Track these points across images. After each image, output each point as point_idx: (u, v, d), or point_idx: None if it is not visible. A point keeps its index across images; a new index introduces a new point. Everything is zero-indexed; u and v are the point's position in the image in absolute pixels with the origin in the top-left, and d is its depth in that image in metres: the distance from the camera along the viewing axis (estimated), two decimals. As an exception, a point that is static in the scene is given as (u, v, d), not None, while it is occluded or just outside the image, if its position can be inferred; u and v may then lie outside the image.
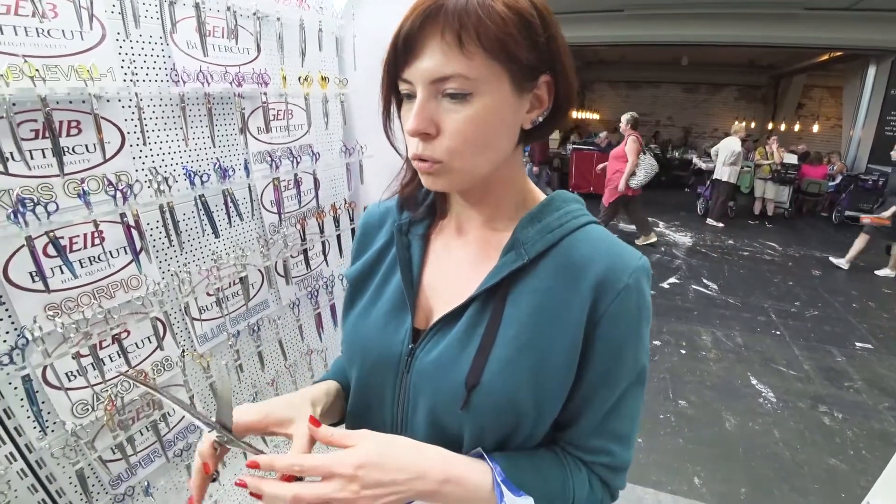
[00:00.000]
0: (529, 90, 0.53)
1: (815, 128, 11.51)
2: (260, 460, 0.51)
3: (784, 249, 6.38)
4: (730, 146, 6.88)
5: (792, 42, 7.71)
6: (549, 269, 0.56)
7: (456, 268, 0.63)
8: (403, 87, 0.53)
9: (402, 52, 0.50)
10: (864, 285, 5.14)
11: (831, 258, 5.85)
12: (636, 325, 0.55)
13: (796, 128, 11.57)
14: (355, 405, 0.67)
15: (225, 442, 0.55)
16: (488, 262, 0.59)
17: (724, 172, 7.05)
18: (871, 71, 8.09)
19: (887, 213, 5.19)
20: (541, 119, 0.57)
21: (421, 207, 0.68)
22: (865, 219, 5.64)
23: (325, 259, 1.63)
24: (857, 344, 3.82)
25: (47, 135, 0.84)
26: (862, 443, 2.66)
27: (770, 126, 11.80)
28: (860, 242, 5.57)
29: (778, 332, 3.99)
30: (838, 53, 8.53)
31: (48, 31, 0.84)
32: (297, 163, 1.39)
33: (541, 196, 0.63)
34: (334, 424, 0.73)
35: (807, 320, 4.24)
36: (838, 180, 8.05)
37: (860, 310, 4.51)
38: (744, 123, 8.25)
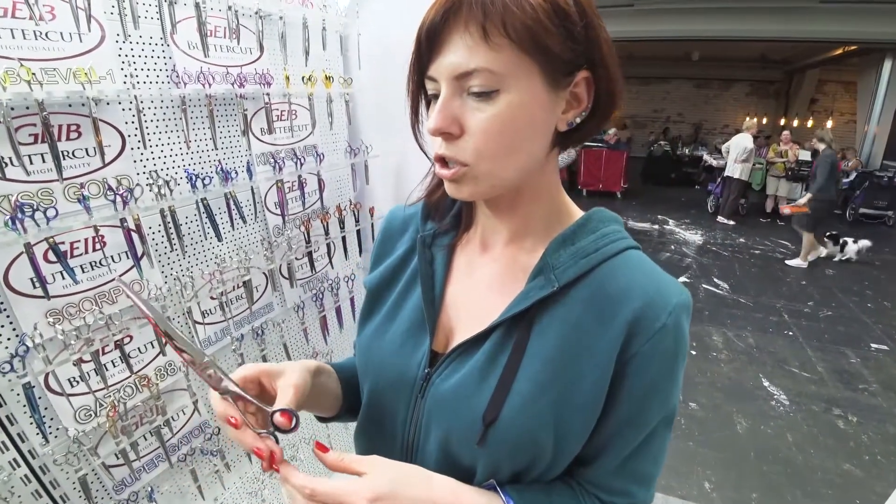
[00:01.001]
0: (565, 87, 0.47)
1: (829, 123, 11.30)
2: (279, 466, 0.48)
3: (797, 248, 6.27)
4: (741, 143, 6.79)
5: (806, 36, 7.58)
6: (580, 298, 0.51)
7: (479, 288, 0.59)
8: (430, 87, 0.49)
9: (426, 48, 0.47)
10: (878, 284, 5.05)
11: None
12: (670, 367, 0.50)
13: (809, 123, 11.39)
14: (366, 422, 0.65)
15: (230, 392, 0.51)
16: (514, 284, 0.55)
17: (735, 169, 6.95)
18: (888, 65, 7.93)
19: (802, 201, 5.38)
20: (579, 120, 0.50)
21: (447, 217, 0.63)
22: (785, 209, 5.82)
23: (331, 261, 1.61)
24: (873, 345, 3.75)
25: (46, 139, 0.83)
26: (877, 447, 2.60)
27: (783, 122, 11.63)
28: (806, 239, 5.59)
29: (790, 333, 3.93)
30: (853, 47, 8.37)
31: (45, 34, 0.83)
32: (301, 164, 1.37)
33: (576, 212, 0.58)
34: (327, 418, 0.71)
35: (820, 320, 4.17)
36: (853, 177, 7.90)
37: (875, 309, 4.42)
38: (755, 119, 8.13)
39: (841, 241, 5.70)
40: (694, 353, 3.58)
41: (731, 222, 7.38)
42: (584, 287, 0.51)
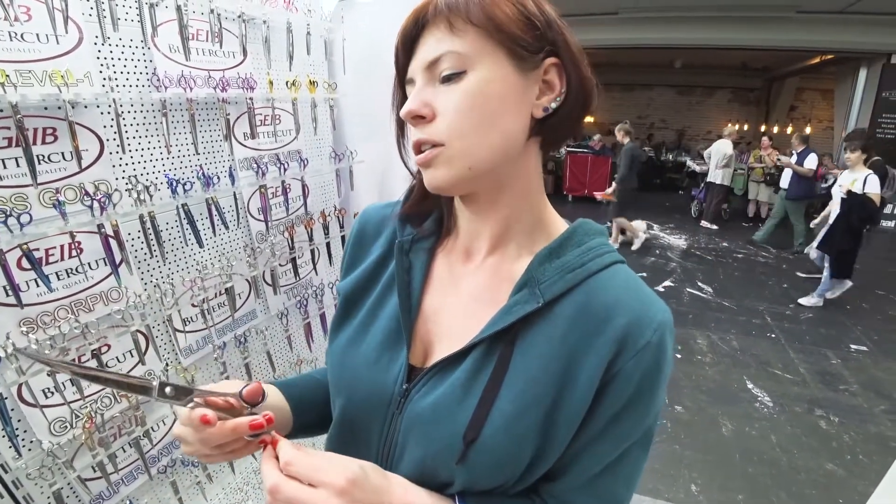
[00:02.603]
0: (534, 68, 0.49)
1: (808, 130, 11.56)
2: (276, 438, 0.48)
3: (778, 251, 6.40)
4: (722, 149, 6.91)
5: (784, 45, 7.76)
6: (565, 314, 0.50)
7: (461, 299, 0.57)
8: (409, 91, 0.52)
9: (403, 55, 0.51)
10: (857, 287, 5.15)
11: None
12: (651, 385, 0.48)
13: (789, 130, 11.62)
14: (337, 438, 0.62)
15: (193, 397, 0.48)
16: (497, 296, 0.53)
17: (717, 175, 7.08)
18: (863, 74, 8.14)
19: (609, 190, 6.04)
20: (554, 105, 0.51)
21: (426, 222, 0.62)
22: (597, 195, 6.37)
23: (315, 267, 1.60)
24: (852, 346, 3.82)
25: (20, 143, 0.81)
26: (859, 447, 2.64)
27: (763, 128, 11.86)
28: (614, 227, 6.14)
29: (773, 335, 3.98)
30: (830, 56, 8.59)
31: (21, 35, 0.81)
32: (285, 169, 1.36)
33: (559, 222, 0.58)
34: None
35: (801, 322, 4.24)
36: (831, 182, 8.08)
37: (854, 311, 4.51)
38: (735, 126, 8.27)
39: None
40: (679, 356, 3.61)
41: (715, 227, 7.49)
42: (569, 303, 0.50)
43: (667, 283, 5.17)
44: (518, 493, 0.53)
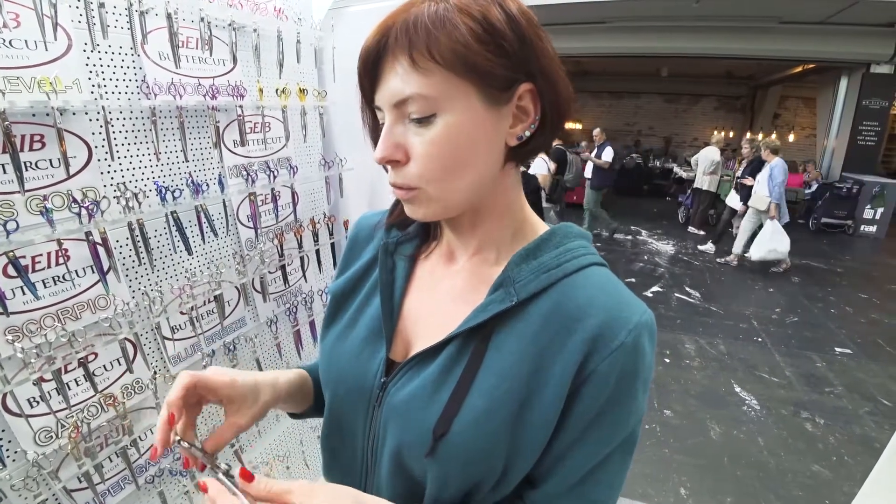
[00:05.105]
0: (506, 102, 0.47)
1: (791, 137, 11.78)
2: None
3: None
4: (709, 156, 7.01)
5: (767, 54, 7.93)
6: (539, 313, 0.50)
7: (440, 298, 0.58)
8: (379, 116, 0.50)
9: (366, 78, 0.49)
10: (841, 291, 5.24)
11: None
12: (628, 388, 0.48)
13: (773, 137, 11.83)
14: (328, 431, 0.64)
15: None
16: (475, 296, 0.54)
17: (704, 181, 7.17)
18: (844, 83, 8.33)
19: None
20: (528, 133, 0.50)
21: (412, 226, 0.63)
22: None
23: (304, 275, 1.59)
24: (837, 349, 3.88)
25: (7, 149, 0.80)
26: (844, 448, 2.68)
27: (748, 135, 12.06)
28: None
29: (760, 339, 4.04)
30: (812, 66, 8.78)
31: (9, 42, 0.81)
32: (275, 176, 1.36)
33: (540, 226, 0.58)
34: (301, 413, 0.73)
35: (787, 326, 4.30)
36: (814, 188, 8.24)
37: (838, 315, 4.59)
38: (722, 134, 8.40)
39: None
40: (667, 360, 3.65)
41: (702, 232, 7.57)
42: (544, 302, 0.50)
43: (655, 288, 5.22)
44: (501, 501, 0.53)
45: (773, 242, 5.39)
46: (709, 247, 6.61)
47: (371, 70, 0.48)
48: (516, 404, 0.48)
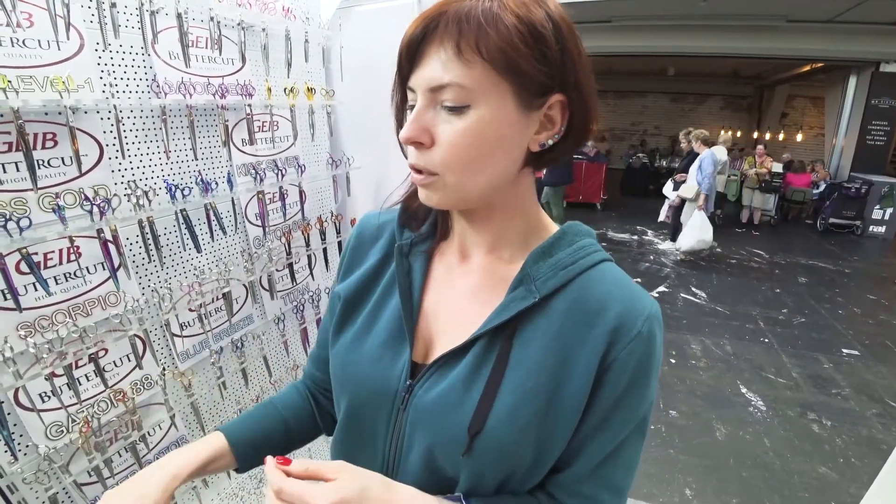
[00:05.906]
0: (537, 108, 0.49)
1: (799, 137, 11.72)
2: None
3: (771, 257, 6.45)
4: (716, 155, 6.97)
5: (774, 53, 7.88)
6: (560, 309, 0.52)
7: (459, 297, 0.59)
8: (410, 98, 0.51)
9: (407, 60, 0.49)
10: (849, 292, 5.21)
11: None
12: (643, 374, 0.51)
13: (780, 137, 11.77)
14: (344, 437, 0.63)
15: None
16: (494, 294, 0.55)
17: (710, 181, 7.13)
18: (852, 81, 8.26)
19: None
20: (551, 142, 0.51)
21: (424, 226, 0.64)
22: None
23: (311, 273, 1.60)
24: (844, 350, 3.86)
25: (21, 147, 0.81)
26: (851, 450, 2.67)
27: (755, 135, 11.99)
28: None
29: (766, 340, 4.01)
30: (819, 64, 8.71)
31: (23, 41, 0.82)
32: (283, 175, 1.37)
33: (551, 225, 0.60)
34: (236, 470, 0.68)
35: (794, 327, 4.28)
36: (822, 188, 8.18)
37: (846, 316, 4.55)
38: (729, 133, 8.36)
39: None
40: (673, 361, 3.63)
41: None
42: (563, 298, 0.52)
43: (661, 288, 5.21)
44: (524, 494, 0.55)
45: (701, 232, 5.53)
46: (668, 245, 6.57)
47: (414, 51, 0.48)
48: (544, 397, 0.50)
